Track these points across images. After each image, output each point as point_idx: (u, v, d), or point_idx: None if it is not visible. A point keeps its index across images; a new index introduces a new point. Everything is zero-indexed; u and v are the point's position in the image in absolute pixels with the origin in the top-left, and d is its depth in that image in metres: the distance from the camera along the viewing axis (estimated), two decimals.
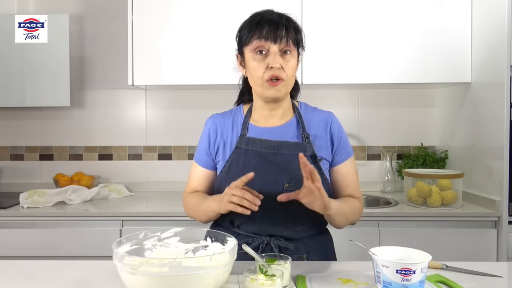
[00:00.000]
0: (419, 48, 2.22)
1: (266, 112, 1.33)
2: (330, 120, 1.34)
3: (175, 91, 2.65)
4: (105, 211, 2.11)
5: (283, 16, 1.26)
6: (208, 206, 1.28)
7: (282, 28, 1.22)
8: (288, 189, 1.24)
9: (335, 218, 1.25)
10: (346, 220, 1.30)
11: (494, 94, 2.01)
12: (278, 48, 1.22)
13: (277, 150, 1.27)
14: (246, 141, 1.30)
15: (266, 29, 1.21)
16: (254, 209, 1.14)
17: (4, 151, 2.67)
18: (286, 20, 1.25)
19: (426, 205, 2.11)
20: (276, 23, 1.22)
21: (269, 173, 1.26)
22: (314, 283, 1.07)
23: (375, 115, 2.66)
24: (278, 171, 1.26)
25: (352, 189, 1.35)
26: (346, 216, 1.28)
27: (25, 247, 2.03)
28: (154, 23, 2.26)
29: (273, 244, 1.26)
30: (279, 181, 1.25)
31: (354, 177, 1.36)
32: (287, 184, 1.25)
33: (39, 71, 2.39)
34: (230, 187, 1.18)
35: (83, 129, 2.67)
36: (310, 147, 1.29)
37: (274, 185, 1.24)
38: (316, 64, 2.20)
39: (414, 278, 0.95)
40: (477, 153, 2.18)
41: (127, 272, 0.93)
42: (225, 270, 0.97)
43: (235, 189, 1.16)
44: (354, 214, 1.32)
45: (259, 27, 1.22)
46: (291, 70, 1.25)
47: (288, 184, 1.25)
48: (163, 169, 2.67)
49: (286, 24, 1.23)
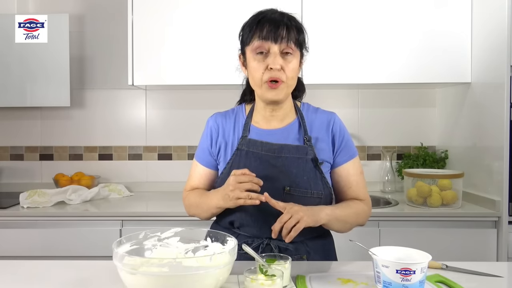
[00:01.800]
0: (419, 48, 2.22)
1: (267, 114, 1.31)
2: (332, 121, 1.32)
3: (175, 91, 2.65)
4: (105, 211, 2.11)
5: (285, 15, 1.23)
6: (212, 203, 1.26)
7: (283, 27, 1.19)
8: (288, 192, 1.23)
9: (332, 225, 1.23)
10: (347, 224, 1.28)
11: (494, 94, 2.01)
12: (279, 48, 1.20)
13: (278, 153, 1.26)
14: (247, 143, 1.29)
15: (267, 28, 1.19)
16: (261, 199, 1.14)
17: (4, 151, 2.67)
18: (288, 20, 1.22)
19: (426, 205, 2.11)
20: (277, 22, 1.20)
21: (270, 176, 1.24)
22: (314, 283, 1.07)
23: (375, 115, 2.66)
24: (279, 174, 1.25)
25: (355, 191, 1.32)
26: (345, 221, 1.26)
27: (25, 247, 2.03)
28: (154, 23, 2.26)
29: (273, 245, 1.26)
30: (279, 184, 1.24)
31: (358, 178, 1.33)
32: (288, 188, 1.23)
33: (39, 71, 2.39)
34: (235, 175, 1.17)
35: (83, 129, 2.67)
36: (311, 150, 1.27)
37: (275, 189, 1.23)
38: (316, 64, 2.20)
39: (414, 278, 0.95)
40: (477, 153, 2.18)
41: (127, 272, 0.93)
42: (225, 270, 0.97)
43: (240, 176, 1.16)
44: (357, 217, 1.29)
45: (260, 27, 1.21)
46: (292, 71, 1.22)
47: (289, 188, 1.23)
48: (163, 169, 2.67)
49: (288, 24, 1.21)
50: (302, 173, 1.25)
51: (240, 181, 1.16)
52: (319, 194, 1.25)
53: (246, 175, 1.16)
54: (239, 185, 1.16)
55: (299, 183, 1.23)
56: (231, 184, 1.18)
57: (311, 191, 1.24)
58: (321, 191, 1.26)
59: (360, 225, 1.32)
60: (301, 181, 1.23)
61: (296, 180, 1.23)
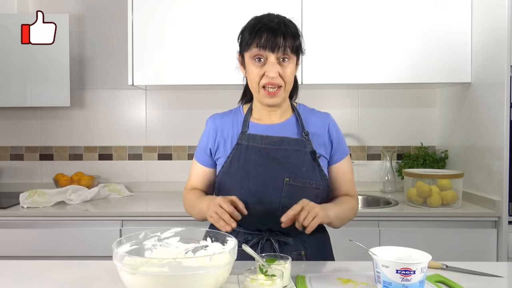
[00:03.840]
0: (419, 48, 2.22)
1: (265, 112, 1.36)
2: (328, 122, 1.38)
3: (175, 91, 2.65)
4: (105, 211, 2.11)
5: (282, 23, 1.26)
6: (202, 208, 1.29)
7: (280, 36, 1.23)
8: (288, 183, 1.27)
9: (334, 223, 1.29)
10: (344, 220, 1.34)
11: (494, 94, 2.01)
12: (276, 57, 1.24)
13: (278, 145, 1.30)
14: (247, 137, 1.32)
15: (265, 37, 1.23)
16: (227, 229, 1.15)
17: (4, 151, 2.67)
18: (285, 27, 1.25)
19: (426, 205, 2.11)
20: (275, 31, 1.23)
21: (270, 168, 1.28)
22: (314, 283, 1.07)
23: (375, 115, 2.66)
24: (278, 166, 1.28)
25: (348, 187, 1.40)
26: (343, 218, 1.32)
27: (25, 247, 2.03)
28: (154, 23, 2.26)
29: (273, 240, 1.28)
30: (279, 175, 1.28)
31: (350, 175, 1.41)
32: (287, 179, 1.27)
33: (39, 71, 2.39)
34: (214, 203, 1.19)
35: (83, 129, 2.67)
36: (309, 143, 1.32)
37: (275, 180, 1.27)
38: (316, 64, 2.20)
39: (414, 278, 0.95)
40: (477, 153, 2.18)
41: (127, 272, 0.93)
42: (225, 270, 0.97)
43: (217, 206, 1.18)
44: (350, 213, 1.36)
45: (258, 35, 1.24)
46: (289, 76, 1.27)
47: (288, 179, 1.27)
48: (163, 169, 2.67)
49: (284, 32, 1.24)
50: (301, 164, 1.29)
51: (221, 210, 1.17)
52: (317, 185, 1.30)
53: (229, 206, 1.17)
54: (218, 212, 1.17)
55: (298, 174, 1.28)
56: (212, 208, 1.19)
57: (310, 182, 1.29)
58: (320, 182, 1.30)
59: (350, 219, 1.38)
60: (300, 172, 1.28)
61: (295, 171, 1.28)
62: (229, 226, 1.15)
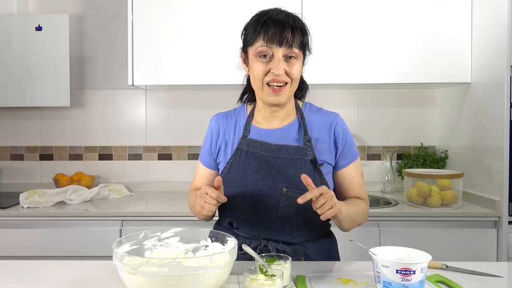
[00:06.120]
0: (419, 48, 2.22)
1: (267, 114, 1.30)
2: (335, 123, 1.30)
3: (175, 91, 2.65)
4: (105, 211, 2.11)
5: (290, 16, 1.21)
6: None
7: (289, 30, 1.17)
8: (286, 193, 1.22)
9: (343, 220, 1.21)
10: (354, 223, 1.28)
11: (494, 94, 2.01)
12: (283, 52, 1.18)
13: (277, 153, 1.25)
14: (247, 142, 1.28)
15: (272, 30, 1.16)
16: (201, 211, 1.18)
17: (4, 151, 2.67)
18: (293, 21, 1.20)
19: (426, 205, 2.11)
20: (283, 24, 1.17)
21: (268, 177, 1.24)
22: (314, 283, 1.07)
23: (375, 115, 2.66)
24: (277, 174, 1.24)
25: (358, 192, 1.33)
26: (353, 219, 1.26)
27: (25, 247, 2.03)
28: (154, 23, 2.26)
29: (271, 247, 1.25)
30: (277, 185, 1.23)
31: (360, 179, 1.33)
32: (285, 189, 1.23)
33: (39, 71, 2.39)
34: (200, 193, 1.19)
35: (83, 129, 2.67)
36: (311, 151, 1.25)
37: (273, 189, 1.23)
38: (317, 64, 2.19)
39: (414, 278, 0.95)
40: (477, 153, 2.18)
41: (127, 272, 0.93)
42: (225, 270, 0.97)
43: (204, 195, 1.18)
44: (361, 216, 1.30)
45: (265, 28, 1.18)
46: (295, 74, 1.21)
47: (287, 189, 1.23)
48: (163, 169, 2.67)
49: (293, 26, 1.18)
50: (300, 174, 1.22)
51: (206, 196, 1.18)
52: None
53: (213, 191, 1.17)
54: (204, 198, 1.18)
55: (297, 184, 1.21)
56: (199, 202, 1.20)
57: None
58: None
59: (360, 224, 1.32)
60: (299, 182, 1.21)
61: (294, 181, 1.22)
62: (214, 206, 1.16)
